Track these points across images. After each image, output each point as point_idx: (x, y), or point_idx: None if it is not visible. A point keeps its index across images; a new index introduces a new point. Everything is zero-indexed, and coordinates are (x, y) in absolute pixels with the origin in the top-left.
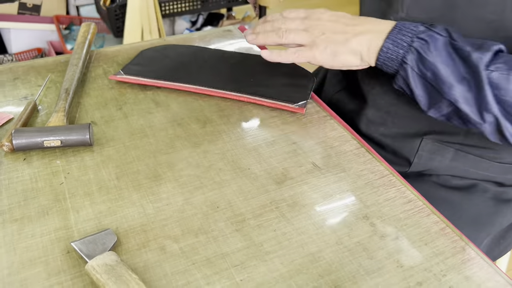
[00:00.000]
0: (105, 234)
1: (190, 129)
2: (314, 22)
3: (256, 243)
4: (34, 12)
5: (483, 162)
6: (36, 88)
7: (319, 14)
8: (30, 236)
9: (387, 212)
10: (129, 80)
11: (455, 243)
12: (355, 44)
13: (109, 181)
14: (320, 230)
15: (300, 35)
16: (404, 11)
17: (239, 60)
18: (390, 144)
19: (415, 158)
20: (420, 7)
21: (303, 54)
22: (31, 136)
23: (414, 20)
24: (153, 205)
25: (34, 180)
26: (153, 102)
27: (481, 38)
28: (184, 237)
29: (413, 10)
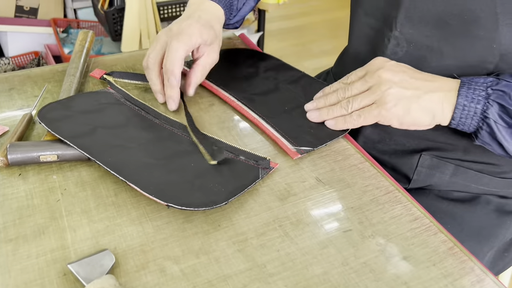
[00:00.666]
0: (103, 255)
1: None
2: (376, 77)
3: (259, 264)
4: (31, 15)
5: (484, 177)
6: (33, 99)
7: (380, 64)
8: (26, 257)
9: (394, 231)
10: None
11: (463, 264)
12: (427, 101)
13: (107, 198)
14: (325, 250)
15: (365, 98)
16: (398, 29)
17: (291, 81)
18: (388, 161)
19: (414, 175)
20: (413, 25)
21: (370, 113)
22: (26, 151)
23: (406, 37)
24: (153, 223)
25: (30, 196)
26: None
27: (474, 53)
28: (185, 257)
29: (406, 27)
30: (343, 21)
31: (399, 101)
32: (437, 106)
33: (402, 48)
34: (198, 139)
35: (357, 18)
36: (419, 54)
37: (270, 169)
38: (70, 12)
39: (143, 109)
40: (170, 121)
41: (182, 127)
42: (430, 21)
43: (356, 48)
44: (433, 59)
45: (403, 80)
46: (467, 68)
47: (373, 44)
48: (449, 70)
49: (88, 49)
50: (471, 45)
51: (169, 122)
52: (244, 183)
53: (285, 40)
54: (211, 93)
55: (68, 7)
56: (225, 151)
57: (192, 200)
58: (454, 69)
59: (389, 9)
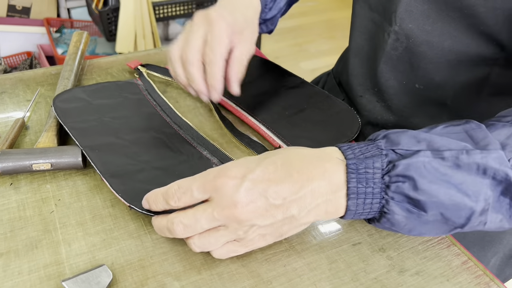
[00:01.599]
0: (99, 271)
1: None
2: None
3: (264, 281)
4: (23, 15)
5: None
6: (25, 104)
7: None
8: (17, 274)
9: (404, 244)
10: None
11: (479, 279)
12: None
13: (104, 209)
14: (334, 265)
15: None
16: (397, 23)
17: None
18: None
19: None
20: (413, 19)
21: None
22: (18, 159)
23: (406, 32)
24: (152, 236)
25: (22, 208)
26: None
27: (475, 48)
28: (186, 274)
29: (406, 22)
30: (340, 21)
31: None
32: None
33: (401, 44)
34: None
35: (359, 11)
36: (419, 50)
37: None
38: (64, 11)
39: (160, 105)
40: (180, 121)
41: (189, 130)
42: (430, 15)
43: (357, 43)
44: (433, 55)
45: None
46: (468, 63)
47: (374, 39)
48: (450, 65)
49: (83, 51)
50: (472, 40)
51: (178, 122)
52: None
53: (282, 40)
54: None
55: (61, 7)
56: (219, 163)
57: None
58: (455, 64)
59: (388, 3)
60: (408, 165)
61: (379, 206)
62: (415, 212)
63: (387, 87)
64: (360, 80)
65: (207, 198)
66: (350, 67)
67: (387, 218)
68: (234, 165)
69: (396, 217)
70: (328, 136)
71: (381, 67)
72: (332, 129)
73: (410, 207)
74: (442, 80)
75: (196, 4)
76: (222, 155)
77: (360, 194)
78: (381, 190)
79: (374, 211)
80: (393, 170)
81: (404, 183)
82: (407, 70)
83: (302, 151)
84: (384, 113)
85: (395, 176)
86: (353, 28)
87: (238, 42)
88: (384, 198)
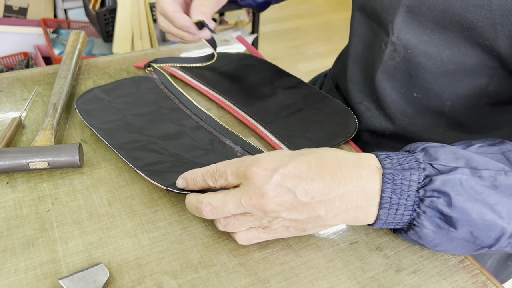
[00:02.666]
0: (96, 270)
1: None
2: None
3: (262, 279)
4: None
5: None
6: (22, 103)
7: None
8: (13, 272)
9: (401, 243)
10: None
11: (475, 278)
12: (331, 220)
13: (101, 208)
14: (331, 264)
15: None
16: (395, 34)
17: (289, 87)
18: None
19: None
20: (410, 30)
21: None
22: (15, 158)
23: (404, 43)
24: (149, 235)
25: (19, 206)
26: None
27: (475, 59)
28: (183, 272)
29: (403, 32)
30: (337, 24)
31: (289, 228)
32: (347, 220)
33: (399, 54)
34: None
35: (357, 17)
36: (417, 60)
37: None
38: (61, 12)
39: (177, 97)
40: (200, 112)
41: (210, 121)
42: (428, 26)
43: (356, 50)
44: (432, 65)
45: (292, 208)
46: (468, 73)
47: (372, 47)
48: (448, 75)
49: (80, 50)
50: (471, 50)
51: (198, 113)
52: None
53: (279, 42)
54: (208, 98)
55: (58, 7)
56: (243, 151)
57: None
58: (454, 74)
59: (385, 14)
60: (445, 181)
61: (409, 219)
62: (444, 228)
63: (385, 95)
64: (359, 87)
65: (239, 183)
66: (349, 73)
67: (415, 231)
68: (268, 157)
69: (424, 231)
70: (326, 136)
71: (378, 76)
72: (329, 129)
73: (440, 222)
74: (441, 90)
75: None
76: (245, 144)
77: (392, 205)
78: (414, 203)
79: (403, 223)
80: (430, 184)
81: (439, 198)
82: (405, 79)
83: (339, 154)
84: (382, 120)
85: (430, 190)
86: (352, 34)
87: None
88: (416, 211)
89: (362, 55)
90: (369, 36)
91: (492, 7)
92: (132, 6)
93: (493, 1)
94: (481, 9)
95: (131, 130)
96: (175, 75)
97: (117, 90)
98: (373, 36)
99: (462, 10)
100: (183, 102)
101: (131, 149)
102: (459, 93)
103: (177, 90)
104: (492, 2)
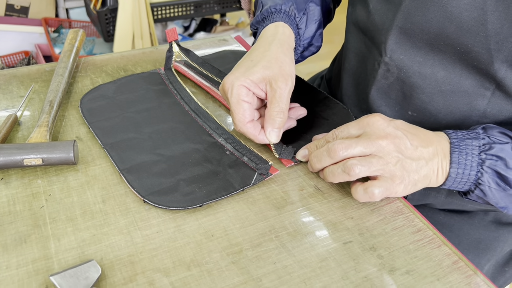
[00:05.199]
0: (88, 266)
1: None
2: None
3: (254, 278)
4: (22, 14)
5: None
6: (18, 100)
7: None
8: (5, 268)
9: (396, 243)
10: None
11: (469, 279)
12: (428, 170)
13: (94, 205)
14: (324, 263)
15: (374, 166)
16: (388, 55)
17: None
18: None
19: (410, 194)
20: (403, 50)
21: (387, 190)
22: (10, 154)
23: (397, 63)
24: (142, 232)
25: (12, 202)
26: None
27: (470, 80)
28: (176, 270)
29: (396, 53)
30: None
31: (408, 175)
32: (433, 173)
33: (392, 74)
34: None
35: (352, 31)
36: (411, 81)
37: (268, 175)
38: (62, 11)
39: (180, 94)
40: (198, 109)
41: (207, 118)
42: (422, 48)
43: (350, 64)
44: (426, 85)
45: (406, 149)
46: (463, 94)
47: (366, 63)
48: (444, 95)
49: (78, 48)
50: (467, 71)
51: (196, 110)
52: (234, 186)
53: None
54: (209, 94)
55: (60, 7)
56: (233, 149)
57: (169, 198)
58: (449, 95)
59: (377, 33)
60: (502, 149)
61: (475, 178)
62: (502, 186)
63: (379, 112)
64: (353, 101)
65: (360, 134)
66: (343, 86)
67: (480, 189)
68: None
69: (487, 188)
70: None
71: (372, 93)
72: (329, 129)
73: (499, 181)
74: (436, 109)
75: (194, 6)
76: (236, 142)
77: (460, 164)
78: (478, 164)
79: (470, 182)
80: (489, 150)
81: (497, 161)
82: (400, 98)
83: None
84: None
85: (490, 155)
86: (346, 47)
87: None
88: (480, 171)
89: (356, 70)
90: (363, 52)
91: (487, 33)
92: (133, 6)
93: (488, 28)
94: (475, 35)
95: (127, 127)
96: (178, 70)
97: (124, 86)
98: (367, 52)
99: (456, 34)
100: (184, 98)
101: (121, 148)
102: (455, 113)
103: (180, 86)
104: (487, 28)
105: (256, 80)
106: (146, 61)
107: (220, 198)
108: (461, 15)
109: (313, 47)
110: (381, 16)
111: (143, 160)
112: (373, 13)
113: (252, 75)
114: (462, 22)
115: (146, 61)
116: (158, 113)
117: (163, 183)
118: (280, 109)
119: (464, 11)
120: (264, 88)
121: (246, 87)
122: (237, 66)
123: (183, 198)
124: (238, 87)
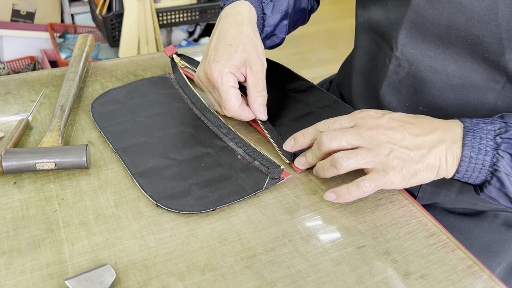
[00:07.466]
0: (102, 271)
1: None
2: (370, 139)
3: (268, 282)
4: (27, 20)
5: None
6: (29, 104)
7: (371, 123)
8: (19, 272)
9: (409, 247)
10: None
11: (484, 283)
12: (432, 158)
13: (107, 209)
14: (339, 268)
15: (363, 158)
16: (399, 49)
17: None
18: None
19: (419, 192)
20: (414, 45)
21: (379, 182)
22: (22, 158)
23: (408, 57)
24: (155, 236)
25: (25, 207)
26: None
27: (481, 73)
28: (190, 274)
29: (407, 47)
30: (342, 31)
31: (404, 164)
32: (441, 160)
33: (403, 69)
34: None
35: (361, 29)
36: (422, 75)
37: (280, 179)
38: (68, 17)
39: (190, 98)
40: (209, 114)
41: (217, 122)
42: (433, 42)
43: (360, 62)
44: (437, 80)
45: (403, 139)
46: (474, 87)
47: (377, 60)
48: (455, 89)
49: (88, 53)
50: (478, 65)
51: (207, 114)
52: (246, 191)
53: (283, 49)
54: None
55: (65, 12)
56: (245, 154)
57: (182, 203)
58: (460, 89)
59: (388, 29)
60: None
61: (490, 164)
62: None
63: (390, 109)
64: (364, 99)
65: (352, 125)
66: (353, 85)
67: (497, 177)
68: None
69: (504, 176)
70: None
71: (383, 90)
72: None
73: None
74: (447, 104)
75: (199, 11)
76: (248, 147)
77: (474, 148)
78: (493, 148)
79: (486, 169)
80: (505, 133)
81: None
82: (410, 93)
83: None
84: None
85: (506, 138)
86: (356, 46)
87: (249, 74)
88: (495, 156)
89: (366, 68)
90: (373, 49)
91: (498, 22)
92: (138, 11)
93: (499, 17)
94: (486, 25)
95: (138, 131)
96: (187, 75)
97: (134, 91)
98: (377, 49)
99: (467, 25)
100: (195, 103)
101: (133, 152)
102: (465, 107)
103: (190, 91)
104: (498, 17)
105: (239, 65)
106: (156, 66)
107: (233, 202)
108: (472, 5)
109: (276, 37)
110: (395, 12)
111: (155, 164)
112: (390, 10)
113: (236, 60)
114: (473, 12)
115: (156, 66)
116: (168, 117)
117: (176, 187)
118: (262, 88)
119: (475, 1)
120: (244, 72)
121: (233, 74)
122: (216, 50)
123: (196, 202)
124: (227, 74)
